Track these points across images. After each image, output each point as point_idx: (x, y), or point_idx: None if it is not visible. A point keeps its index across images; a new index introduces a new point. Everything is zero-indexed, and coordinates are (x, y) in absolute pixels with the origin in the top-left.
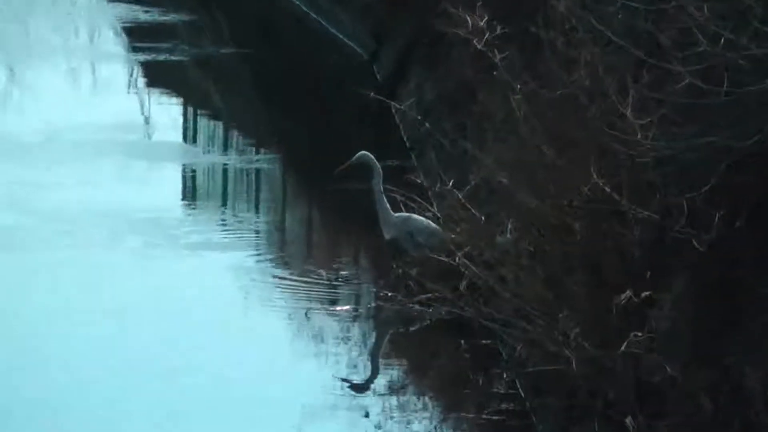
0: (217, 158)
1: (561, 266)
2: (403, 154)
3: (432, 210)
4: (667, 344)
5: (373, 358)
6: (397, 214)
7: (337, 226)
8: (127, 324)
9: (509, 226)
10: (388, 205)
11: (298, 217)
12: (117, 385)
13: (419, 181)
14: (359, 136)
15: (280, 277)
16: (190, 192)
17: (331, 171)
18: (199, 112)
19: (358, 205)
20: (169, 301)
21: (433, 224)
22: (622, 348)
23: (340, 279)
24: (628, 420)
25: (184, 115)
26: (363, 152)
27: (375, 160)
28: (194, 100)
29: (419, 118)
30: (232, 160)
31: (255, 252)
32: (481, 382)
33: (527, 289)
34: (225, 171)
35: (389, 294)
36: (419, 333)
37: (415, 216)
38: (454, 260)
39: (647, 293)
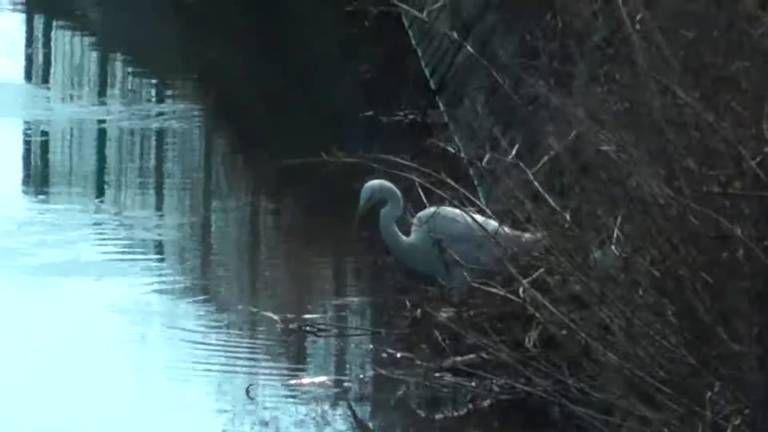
0: (86, 110)
1: (710, 306)
2: (422, 99)
3: (477, 202)
4: None
5: None
6: (419, 215)
7: (302, 232)
8: None
9: (616, 232)
10: (399, 236)
11: (234, 218)
12: None
13: (452, 149)
14: (345, 70)
15: (202, 326)
16: (39, 171)
17: (294, 134)
18: (56, 25)
19: (341, 194)
20: (4, 372)
21: (481, 222)
22: None
23: (308, 328)
24: None
25: (29, 32)
26: (372, 185)
27: (394, 189)
28: (46, 4)
29: (453, 35)
30: (115, 113)
31: (156, 281)
32: None
33: (649, 345)
34: (101, 134)
35: (399, 355)
36: (453, 425)
37: (447, 209)
38: (517, 294)
39: None
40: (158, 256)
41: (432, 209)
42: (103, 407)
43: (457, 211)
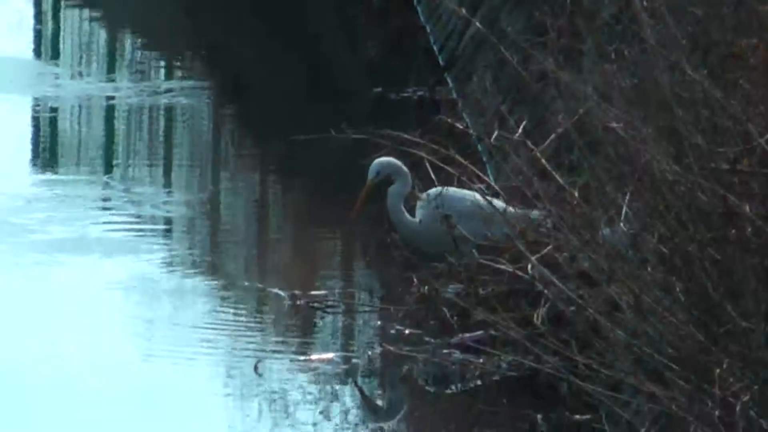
0: (94, 86)
1: (719, 283)
2: (431, 76)
3: (485, 178)
4: None
5: None
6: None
7: (310, 208)
8: None
9: (625, 209)
10: (405, 215)
11: (241, 193)
12: None
13: (461, 126)
14: (354, 47)
15: (210, 303)
16: (47, 148)
17: (302, 111)
18: (64, 2)
19: (349, 170)
20: (13, 350)
21: (488, 200)
22: None
23: (316, 304)
24: None
25: (38, 8)
26: (381, 161)
27: (402, 167)
28: None
29: (462, 12)
30: (123, 89)
31: (164, 257)
32: None
33: (657, 322)
34: (110, 110)
35: (407, 331)
36: (461, 401)
37: (454, 190)
38: (526, 271)
39: None
40: (166, 233)
41: (438, 188)
42: (110, 386)
43: (464, 190)
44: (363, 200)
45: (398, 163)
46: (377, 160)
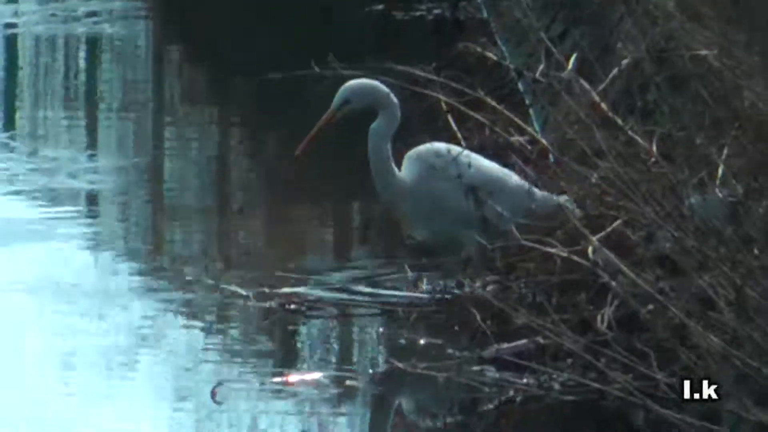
0: None
1: None
2: None
3: (527, 128)
4: None
5: None
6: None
7: (285, 175)
8: None
9: (721, 168)
10: (392, 167)
11: (193, 156)
12: None
13: (494, 56)
14: None
15: (151, 308)
16: None
17: (275, 40)
18: None
19: (338, 121)
20: None
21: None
22: None
23: (292, 305)
24: None
25: None
26: (353, 85)
27: (387, 94)
28: None
29: None
30: (28, 13)
31: (86, 246)
32: None
33: (767, 325)
34: (10, 42)
35: (421, 341)
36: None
37: (478, 159)
38: (585, 256)
39: None
40: (89, 213)
41: (443, 145)
42: (20, 419)
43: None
44: (314, 135)
45: (381, 87)
46: (348, 84)
